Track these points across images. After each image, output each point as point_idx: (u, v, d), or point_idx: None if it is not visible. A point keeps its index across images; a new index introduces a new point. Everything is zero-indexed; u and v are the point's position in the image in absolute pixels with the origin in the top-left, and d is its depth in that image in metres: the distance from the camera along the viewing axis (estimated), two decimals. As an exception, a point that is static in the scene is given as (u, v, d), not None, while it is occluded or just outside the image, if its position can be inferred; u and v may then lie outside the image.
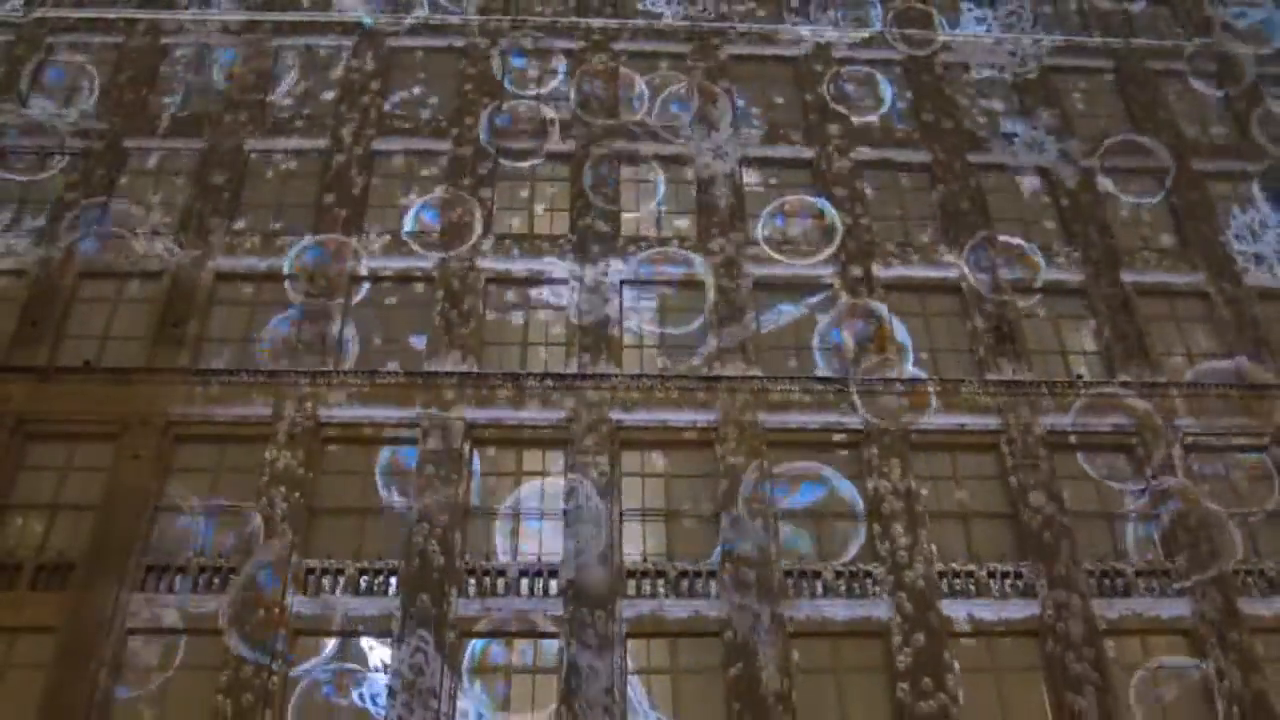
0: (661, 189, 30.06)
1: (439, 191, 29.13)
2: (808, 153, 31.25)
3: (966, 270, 28.32)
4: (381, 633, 22.49)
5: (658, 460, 25.49)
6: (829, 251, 27.92)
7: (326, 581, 23.10)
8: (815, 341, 27.33)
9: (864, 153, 31.25)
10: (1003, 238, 29.12)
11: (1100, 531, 25.10)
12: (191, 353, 26.25)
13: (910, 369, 26.68)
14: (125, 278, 27.63)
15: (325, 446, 25.09)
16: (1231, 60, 34.71)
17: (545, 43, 33.26)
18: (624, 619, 22.90)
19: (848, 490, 24.60)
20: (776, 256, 27.97)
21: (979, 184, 30.82)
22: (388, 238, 28.44)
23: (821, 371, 26.74)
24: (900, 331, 27.42)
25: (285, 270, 27.10)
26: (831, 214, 28.57)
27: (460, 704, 21.77)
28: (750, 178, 30.73)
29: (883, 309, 27.55)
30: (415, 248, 27.65)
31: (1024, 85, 33.55)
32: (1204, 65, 34.59)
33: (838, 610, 23.38)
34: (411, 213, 28.20)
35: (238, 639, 21.39)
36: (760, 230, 28.31)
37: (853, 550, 23.88)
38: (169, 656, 22.06)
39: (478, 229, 27.87)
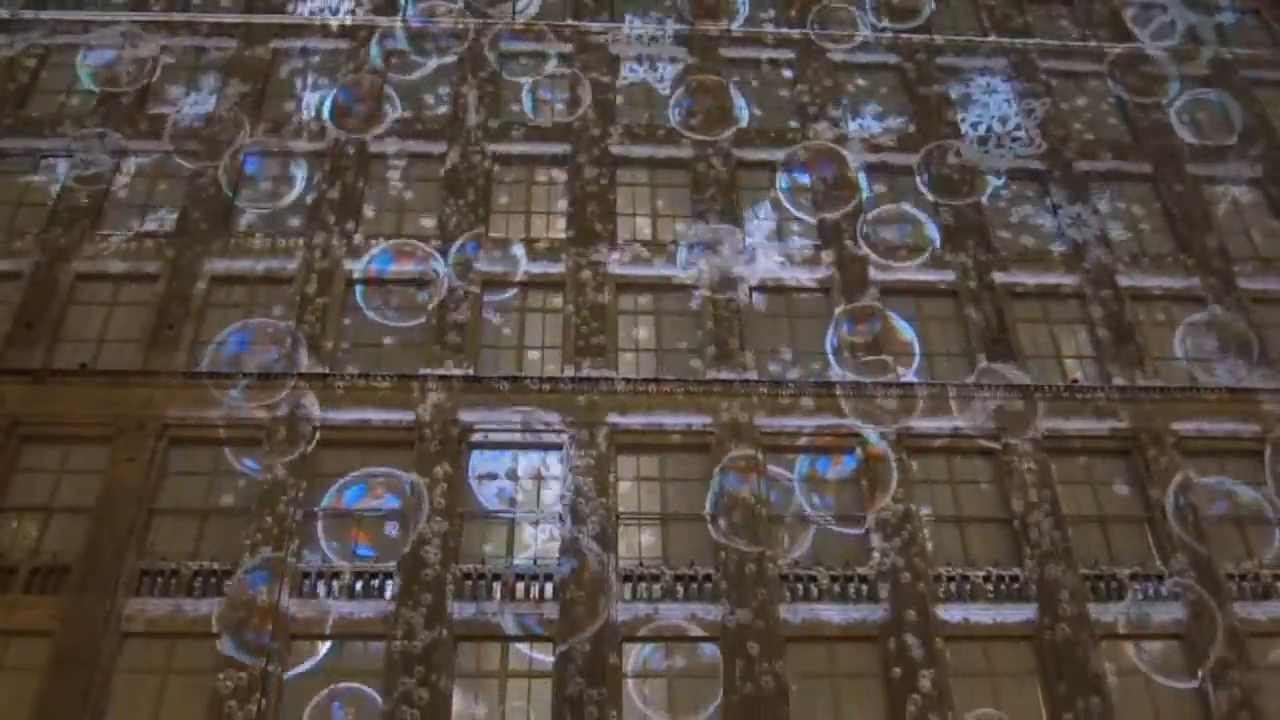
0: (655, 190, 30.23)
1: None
2: (803, 155, 31.21)
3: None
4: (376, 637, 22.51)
5: (653, 463, 25.51)
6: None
7: (321, 585, 23.09)
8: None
9: (861, 157, 31.32)
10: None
11: (1095, 535, 25.15)
12: (187, 355, 26.21)
13: (910, 374, 26.71)
14: (121, 280, 27.60)
15: (320, 449, 25.03)
16: (1227, 66, 34.86)
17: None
18: (620, 622, 22.92)
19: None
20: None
21: (977, 190, 30.85)
22: (383, 241, 28.47)
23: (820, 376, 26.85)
24: (904, 327, 27.42)
25: None
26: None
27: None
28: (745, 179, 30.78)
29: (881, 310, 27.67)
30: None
31: (1019, 90, 33.63)
32: (1200, 71, 34.73)
33: (833, 614, 23.42)
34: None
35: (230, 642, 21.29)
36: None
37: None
38: (164, 660, 22.02)
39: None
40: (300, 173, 29.60)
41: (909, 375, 26.33)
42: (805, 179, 29.84)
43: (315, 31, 33.18)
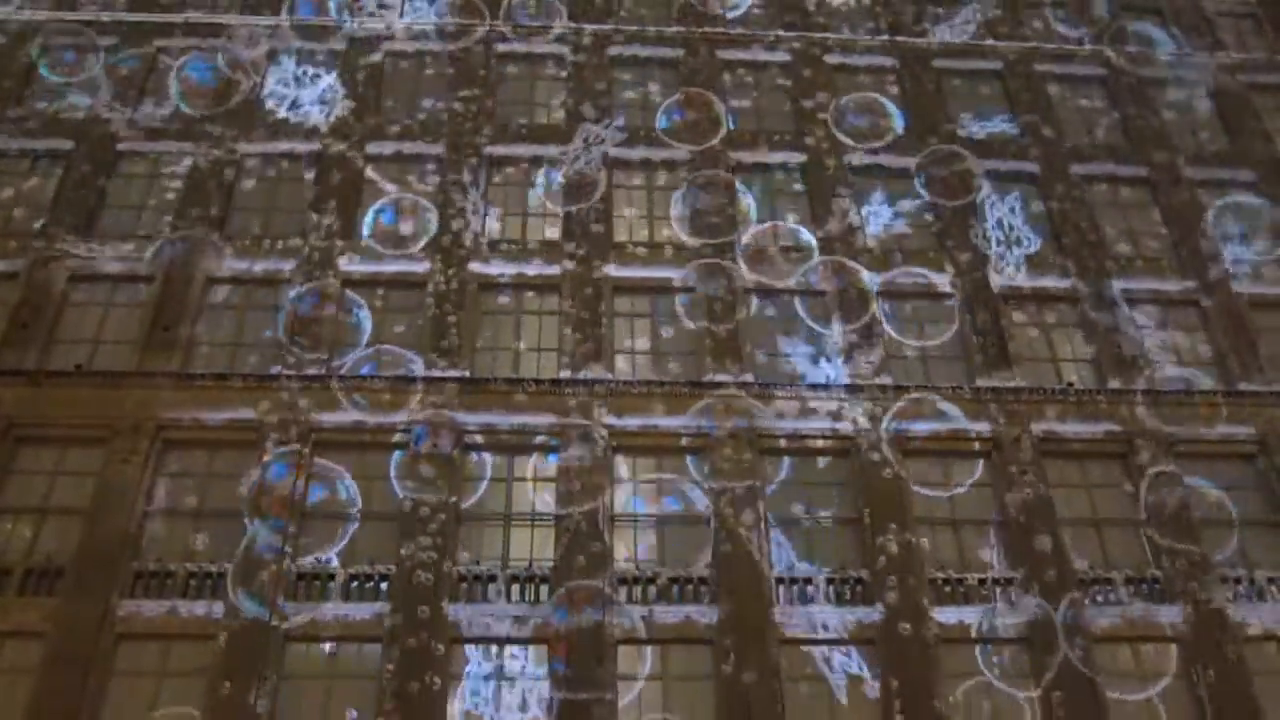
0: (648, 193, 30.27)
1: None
2: (799, 157, 31.30)
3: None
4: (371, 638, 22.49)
5: (649, 465, 25.50)
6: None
7: (318, 586, 23.07)
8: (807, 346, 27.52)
9: (855, 158, 31.32)
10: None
11: (1090, 538, 25.14)
12: (182, 357, 26.17)
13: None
14: (116, 281, 27.55)
15: (316, 451, 24.97)
16: (1223, 71, 34.94)
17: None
18: (614, 625, 22.88)
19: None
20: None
21: (971, 190, 30.92)
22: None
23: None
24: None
25: None
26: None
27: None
28: (741, 183, 30.77)
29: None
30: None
31: (1014, 90, 33.67)
32: (1195, 75, 34.81)
33: (828, 616, 23.39)
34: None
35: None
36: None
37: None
38: (159, 662, 21.99)
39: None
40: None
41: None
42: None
43: (314, 32, 33.12)
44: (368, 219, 28.58)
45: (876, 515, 24.61)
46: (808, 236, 29.40)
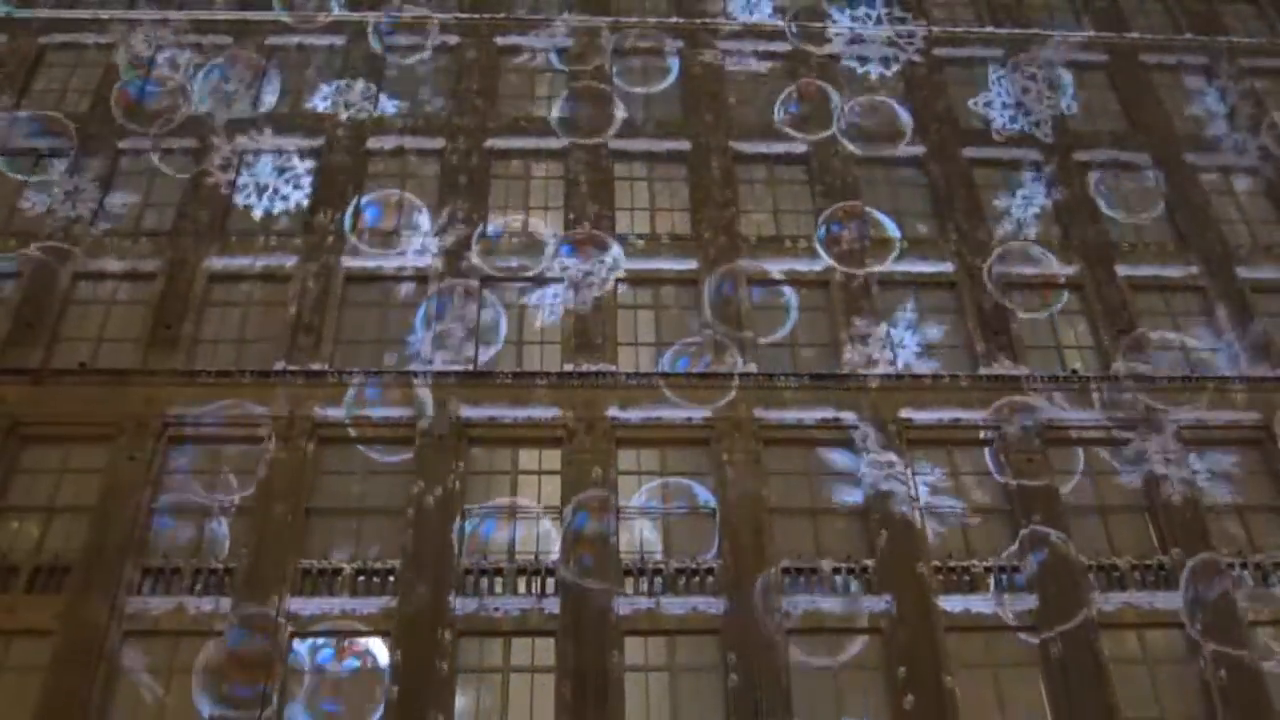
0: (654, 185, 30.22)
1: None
2: (802, 147, 31.24)
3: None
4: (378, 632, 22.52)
5: (653, 457, 25.49)
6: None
7: (323, 582, 23.09)
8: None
9: (857, 147, 31.28)
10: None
11: (1094, 525, 25.11)
12: (186, 353, 26.21)
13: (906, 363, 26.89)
14: (119, 279, 27.58)
15: (321, 446, 25.02)
16: (1228, 55, 34.80)
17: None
18: (620, 616, 22.91)
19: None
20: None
21: (972, 179, 30.88)
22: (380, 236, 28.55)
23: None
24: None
25: None
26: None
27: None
28: (743, 173, 30.75)
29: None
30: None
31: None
32: (1197, 59, 34.72)
33: (834, 606, 23.40)
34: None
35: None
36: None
37: None
38: (167, 659, 22.04)
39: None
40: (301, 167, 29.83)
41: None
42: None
43: (310, 27, 33.05)
44: (368, 215, 28.58)
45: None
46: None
